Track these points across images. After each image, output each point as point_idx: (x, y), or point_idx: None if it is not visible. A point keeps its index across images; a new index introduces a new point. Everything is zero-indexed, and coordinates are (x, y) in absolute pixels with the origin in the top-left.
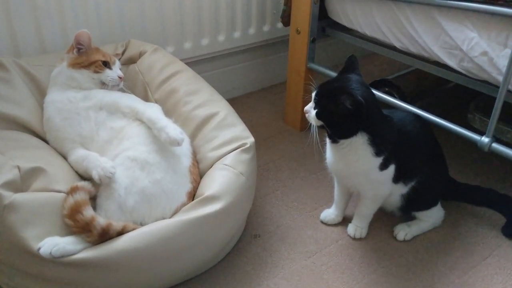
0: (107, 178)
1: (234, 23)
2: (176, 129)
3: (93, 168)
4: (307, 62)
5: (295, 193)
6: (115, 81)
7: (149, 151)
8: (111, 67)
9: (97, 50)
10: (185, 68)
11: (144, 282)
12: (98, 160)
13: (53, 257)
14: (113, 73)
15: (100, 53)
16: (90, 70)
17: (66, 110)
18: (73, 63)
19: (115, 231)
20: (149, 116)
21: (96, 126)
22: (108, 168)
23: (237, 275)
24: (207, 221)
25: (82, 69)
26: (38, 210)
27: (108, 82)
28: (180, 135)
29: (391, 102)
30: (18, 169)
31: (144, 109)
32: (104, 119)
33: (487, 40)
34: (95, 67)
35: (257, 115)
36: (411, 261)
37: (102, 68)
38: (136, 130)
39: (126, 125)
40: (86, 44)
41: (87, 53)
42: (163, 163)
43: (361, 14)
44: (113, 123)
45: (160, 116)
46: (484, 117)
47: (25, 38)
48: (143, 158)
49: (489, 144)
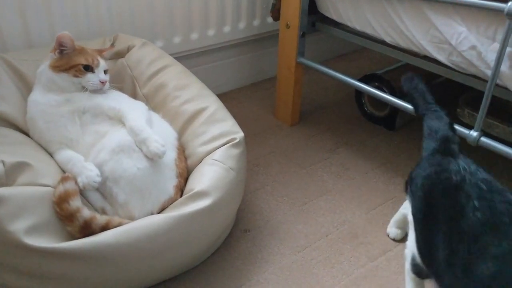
0: (91, 187)
1: (224, 18)
2: (157, 142)
3: (77, 174)
4: (297, 57)
5: (285, 188)
6: (96, 86)
7: (132, 140)
8: (94, 71)
9: (80, 51)
10: (174, 63)
11: (133, 277)
12: (83, 166)
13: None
14: (95, 78)
15: (82, 56)
16: (70, 74)
17: (49, 114)
18: (54, 65)
19: (99, 225)
20: (131, 125)
21: (81, 129)
22: (92, 177)
23: (227, 270)
24: (198, 216)
25: (62, 72)
26: (24, 204)
27: (89, 86)
28: (161, 148)
29: (381, 97)
30: (3, 163)
31: (127, 114)
32: (88, 122)
33: (475, 34)
34: (75, 71)
35: (247, 110)
36: (400, 255)
37: (83, 73)
38: (120, 134)
39: (111, 128)
40: (69, 46)
41: (69, 55)
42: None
43: (351, 9)
44: (98, 127)
45: (142, 126)
46: (473, 111)
47: (11, 32)
48: (128, 144)
49: (478, 138)
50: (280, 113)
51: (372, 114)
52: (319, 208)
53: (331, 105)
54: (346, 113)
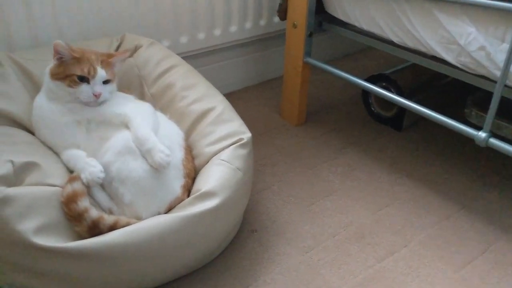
0: (95, 183)
1: (230, 17)
2: (162, 152)
3: (81, 170)
4: (304, 57)
5: (292, 188)
6: (88, 99)
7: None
8: (89, 82)
9: (79, 60)
10: (182, 62)
11: (139, 277)
12: (86, 162)
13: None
14: (88, 91)
15: (79, 66)
16: (65, 84)
17: (54, 121)
18: (52, 72)
19: (106, 225)
20: (136, 134)
21: (87, 135)
22: (96, 173)
23: (233, 270)
24: (205, 217)
25: (58, 81)
26: (33, 203)
27: (82, 99)
28: (165, 158)
29: (389, 97)
30: (12, 163)
31: (132, 121)
32: (94, 129)
33: (484, 34)
34: (70, 81)
35: (253, 110)
36: (408, 256)
37: (77, 84)
38: (126, 135)
39: (116, 132)
40: (65, 54)
41: (66, 63)
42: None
43: (358, 9)
44: (104, 132)
45: (147, 134)
46: (480, 112)
47: (18, 31)
48: (133, 147)
49: (487, 139)
50: (286, 113)
51: (379, 114)
52: (326, 209)
53: (337, 105)
54: (352, 113)
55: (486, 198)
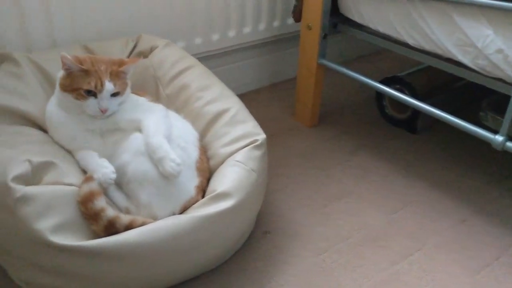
0: (107, 184)
1: (244, 19)
2: (173, 161)
3: (93, 171)
4: (318, 59)
5: (305, 190)
6: (95, 113)
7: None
8: (97, 96)
9: (87, 72)
10: (197, 63)
11: (155, 277)
12: (98, 164)
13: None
14: (95, 105)
15: (86, 79)
16: (72, 96)
17: (66, 128)
18: (60, 83)
19: (123, 225)
20: (148, 142)
21: (101, 140)
22: (108, 174)
23: (247, 271)
24: (220, 218)
25: (66, 92)
26: (50, 202)
27: (89, 112)
28: (176, 168)
29: (403, 99)
30: (29, 162)
31: (145, 128)
32: (107, 135)
33: (502, 37)
34: (77, 94)
35: (267, 111)
36: (422, 260)
37: (84, 98)
38: (141, 138)
39: (131, 135)
40: (72, 67)
41: (74, 75)
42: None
43: (374, 11)
44: (117, 137)
45: (159, 142)
46: (496, 115)
47: (35, 32)
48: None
49: (504, 143)
50: (299, 115)
51: (393, 116)
52: (339, 211)
53: (351, 107)
54: (366, 115)
55: (502, 202)
